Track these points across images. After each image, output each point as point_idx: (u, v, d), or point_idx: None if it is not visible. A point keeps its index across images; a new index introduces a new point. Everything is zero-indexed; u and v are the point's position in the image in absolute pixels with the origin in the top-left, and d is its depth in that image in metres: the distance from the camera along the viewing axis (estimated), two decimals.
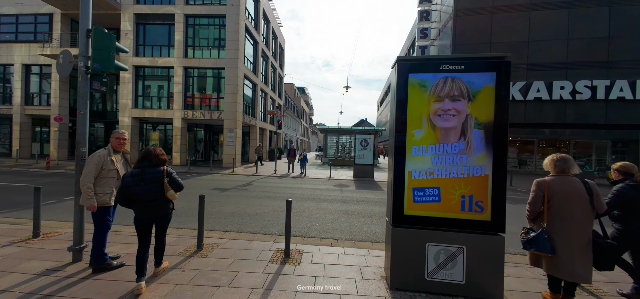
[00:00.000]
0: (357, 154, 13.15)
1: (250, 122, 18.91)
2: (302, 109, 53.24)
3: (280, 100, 29.31)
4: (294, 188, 9.43)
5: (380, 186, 10.52)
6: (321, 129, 22.21)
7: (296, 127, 44.35)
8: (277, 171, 14.33)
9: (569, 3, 16.17)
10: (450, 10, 18.61)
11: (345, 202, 7.24)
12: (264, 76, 22.86)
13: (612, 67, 15.60)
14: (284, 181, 11.40)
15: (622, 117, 15.48)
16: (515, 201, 8.20)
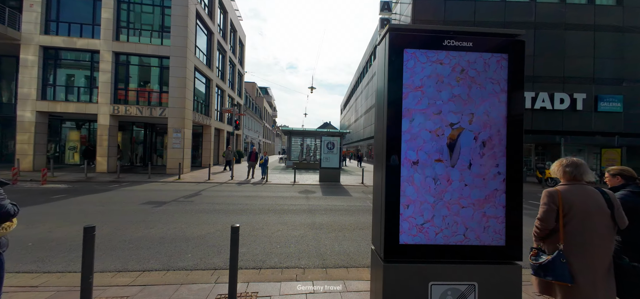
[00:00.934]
0: (323, 157, 12.45)
1: (204, 121, 16.66)
2: (265, 110, 50.88)
3: (240, 99, 27.10)
4: (253, 197, 8.16)
5: (348, 191, 9.96)
6: (285, 131, 21.04)
7: (258, 128, 41.98)
8: (234, 177, 12.69)
9: (502, 23, 18.47)
10: (409, 20, 19.59)
11: (312, 212, 6.36)
12: (221, 71, 20.65)
13: (537, 81, 18.33)
14: (242, 188, 9.96)
15: (543, 124, 18.27)
16: None
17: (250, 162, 12.91)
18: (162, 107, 13.60)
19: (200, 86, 16.77)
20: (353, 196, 8.84)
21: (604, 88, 18.17)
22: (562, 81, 18.35)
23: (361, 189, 10.74)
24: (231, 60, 23.08)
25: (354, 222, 5.51)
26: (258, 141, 41.48)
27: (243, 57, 27.82)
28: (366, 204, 7.58)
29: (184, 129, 13.52)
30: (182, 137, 13.45)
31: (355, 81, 46.27)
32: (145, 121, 15.93)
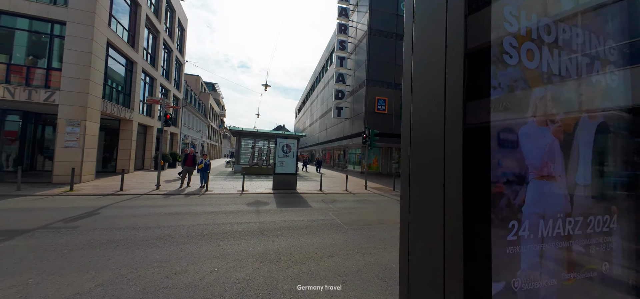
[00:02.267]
0: (277, 162, 10.98)
1: (121, 114, 12.96)
2: (211, 108, 45.47)
3: (179, 92, 22.99)
4: (183, 215, 6.13)
5: (307, 201, 8.78)
6: (234, 131, 18.55)
7: (202, 128, 36.98)
8: (160, 186, 9.96)
9: None
10: (365, 28, 20.06)
11: (264, 234, 4.92)
12: (152, 55, 16.86)
13: None
14: (169, 202, 7.63)
15: None
16: None
17: (186, 167, 10.39)
18: (51, 90, 9.76)
19: (117, 69, 13.05)
20: (313, 207, 7.70)
21: None
22: None
23: (321, 197, 9.72)
24: (167, 44, 19.24)
25: (320, 247, 4.35)
26: (201, 142, 36.49)
27: (183, 44, 23.81)
28: (329, 216, 6.55)
29: (86, 121, 10.00)
30: (81, 132, 9.90)
31: (310, 85, 45.97)
32: (23, 107, 11.33)
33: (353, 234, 5.09)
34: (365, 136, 12.89)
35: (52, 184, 9.35)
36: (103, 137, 13.94)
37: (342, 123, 24.65)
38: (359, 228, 5.61)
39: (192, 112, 29.62)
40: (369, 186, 13.37)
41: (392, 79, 19.51)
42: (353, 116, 21.74)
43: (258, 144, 20.24)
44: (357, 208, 7.88)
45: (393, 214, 7.25)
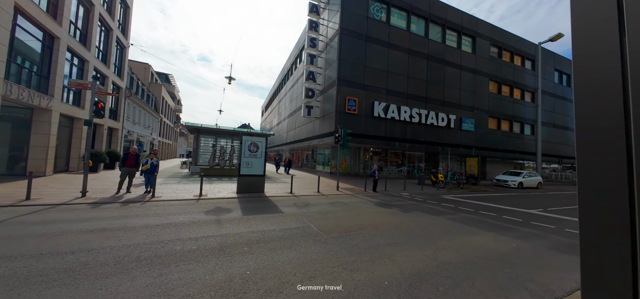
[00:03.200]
0: (243, 162, 9.81)
1: (36, 101, 10.15)
2: (164, 102, 40.35)
3: (120, 80, 19.53)
4: (113, 233, 4.73)
5: (277, 205, 7.90)
6: (191, 128, 16.42)
7: (152, 123, 32.47)
8: (88, 193, 7.94)
9: (407, 50, 21.78)
10: (337, 27, 19.84)
11: (227, 252, 3.98)
12: (83, 33, 13.81)
13: (429, 101, 22.54)
14: (98, 213, 5.97)
15: (431, 137, 22.63)
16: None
17: (126, 169, 8.49)
18: None
19: (29, 44, 10.19)
20: (285, 213, 6.89)
21: (464, 112, 24.52)
22: (442, 104, 23.39)
23: (292, 200, 8.93)
24: (104, 21, 16.07)
25: (299, 265, 3.61)
26: (151, 139, 32.03)
27: (127, 24, 20.35)
28: (304, 223, 5.83)
29: None
30: None
31: (278, 82, 44.38)
32: None
33: (334, 245, 4.48)
34: (338, 135, 12.51)
35: None
36: (9, 130, 10.80)
37: (311, 123, 24.09)
38: (339, 235, 5.04)
39: (139, 104, 25.70)
40: (340, 187, 13.03)
41: (362, 80, 19.68)
42: (323, 115, 21.36)
43: (220, 142, 18.36)
44: (333, 212, 7.34)
45: (370, 217, 6.89)
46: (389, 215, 7.25)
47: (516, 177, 19.40)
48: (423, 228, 5.92)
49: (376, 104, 19.85)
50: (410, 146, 21.60)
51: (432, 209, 8.64)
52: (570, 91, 33.01)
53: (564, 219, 7.91)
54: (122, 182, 8.35)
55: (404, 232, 5.53)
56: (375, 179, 12.43)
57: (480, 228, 6.31)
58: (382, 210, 7.94)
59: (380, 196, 11.09)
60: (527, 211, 9.18)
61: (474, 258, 4.18)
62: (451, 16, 23.90)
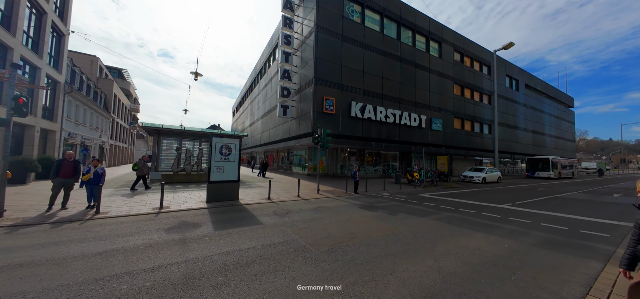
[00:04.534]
0: (213, 167, 8.68)
1: None
2: (117, 100, 35.59)
3: (58, 72, 16.45)
4: (35, 268, 3.51)
5: (254, 215, 7.03)
6: (150, 129, 14.41)
7: (101, 124, 28.34)
8: (6, 210, 6.17)
9: (382, 51, 22.21)
10: (312, 24, 19.32)
11: (194, 286, 3.13)
12: (6, 15, 11.15)
13: (402, 102, 23.26)
14: (15, 240, 4.51)
15: (405, 137, 23.40)
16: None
17: (59, 180, 6.80)
18: None
19: None
20: (265, 224, 6.09)
21: (434, 113, 25.89)
22: (414, 105, 24.35)
23: (271, 208, 8.10)
24: (34, 1, 13.25)
25: (291, 298, 2.93)
26: (100, 143, 27.93)
27: (66, 7, 17.26)
28: (289, 236, 5.13)
29: None
30: None
31: (251, 81, 42.36)
32: None
33: (327, 262, 3.88)
34: (317, 135, 11.96)
35: None
36: None
37: (287, 123, 23.19)
38: (331, 249, 4.46)
39: (83, 102, 22.14)
40: (321, 190, 12.49)
41: (339, 80, 19.44)
42: (300, 115, 20.64)
43: (186, 145, 16.52)
44: (318, 219, 6.74)
45: (359, 223, 6.44)
46: (377, 219, 6.89)
47: (480, 173, 20.94)
48: (415, 233, 5.65)
49: (353, 104, 19.79)
50: (386, 146, 22.01)
51: (416, 209, 8.56)
52: (519, 94, 37.22)
53: (534, 213, 8.41)
54: (55, 196, 6.66)
55: (398, 239, 5.17)
56: (356, 181, 12.16)
57: (468, 228, 6.27)
58: (368, 214, 7.58)
59: (362, 198, 10.81)
60: (499, 206, 9.65)
61: (476, 265, 3.94)
62: (420, 21, 25.05)
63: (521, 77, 38.07)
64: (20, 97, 6.30)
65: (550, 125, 43.50)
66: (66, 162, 6.91)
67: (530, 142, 38.63)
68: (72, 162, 6.98)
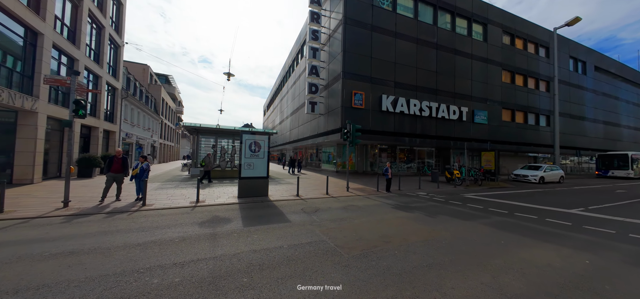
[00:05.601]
0: (244, 163, 8.85)
1: (18, 103, 9.31)
2: (165, 103, 39.68)
3: (115, 80, 18.73)
4: (80, 257, 3.80)
5: (282, 212, 6.92)
6: (190, 128, 15.54)
7: (152, 125, 31.79)
8: (71, 201, 7.05)
9: (415, 39, 20.56)
10: (340, 16, 18.71)
11: (219, 286, 3.02)
12: (71, 29, 12.96)
13: (439, 94, 21.32)
14: (72, 229, 5.05)
15: (443, 131, 21.43)
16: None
17: (111, 175, 7.58)
18: None
19: (9, 40, 9.33)
20: (293, 222, 5.90)
21: (477, 104, 23.24)
22: (453, 96, 22.14)
23: (299, 205, 7.94)
24: (94, 17, 15.21)
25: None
26: (152, 141, 31.36)
27: (121, 21, 19.50)
28: (317, 236, 4.84)
29: None
30: None
31: (280, 80, 43.39)
32: None
33: (359, 270, 3.47)
34: (346, 131, 11.47)
35: None
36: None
37: (316, 120, 23.06)
38: (363, 254, 4.03)
39: (137, 106, 24.95)
40: (350, 187, 12.02)
41: (368, 73, 18.54)
42: (328, 111, 20.31)
43: (221, 143, 17.48)
44: (348, 219, 6.33)
45: (394, 225, 5.86)
46: (414, 222, 6.21)
47: (536, 172, 18.16)
48: (462, 240, 4.88)
49: (384, 97, 18.73)
50: (420, 141, 20.44)
51: (460, 211, 7.57)
52: (586, 79, 31.42)
53: (618, 221, 6.78)
54: (107, 189, 7.43)
55: (441, 246, 4.50)
56: (389, 178, 11.38)
57: (530, 237, 5.24)
58: (403, 215, 6.91)
59: (395, 197, 10.05)
60: (567, 211, 8.06)
61: (549, 287, 3.14)
62: (460, 2, 22.56)
63: (589, 58, 32.02)
64: (80, 102, 7.10)
65: (627, 114, 35.88)
66: (116, 158, 7.60)
67: (601, 135, 32.43)
68: (121, 159, 7.67)
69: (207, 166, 12.88)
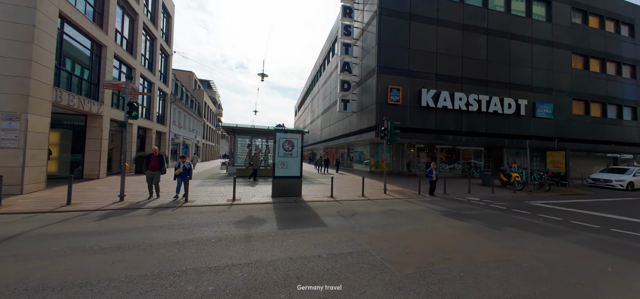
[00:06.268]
0: (277, 162, 8.68)
1: (87, 107, 10.64)
2: (207, 107, 43.05)
3: (165, 86, 20.63)
4: (126, 253, 3.84)
5: (317, 214, 6.49)
6: (228, 128, 16.26)
7: (196, 127, 34.61)
8: (126, 195, 7.63)
9: (461, 25, 18.39)
10: (374, 8, 17.69)
11: (252, 287, 2.64)
12: (129, 41, 14.51)
13: (490, 85, 18.78)
14: (123, 222, 5.33)
15: (495, 127, 18.81)
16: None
17: (149, 172, 7.70)
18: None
19: (79, 52, 10.71)
20: (329, 226, 5.41)
21: (539, 96, 19.91)
22: (508, 87, 19.30)
23: (334, 207, 7.43)
24: (148, 30, 16.88)
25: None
26: (196, 141, 34.15)
27: (170, 32, 21.42)
28: (359, 245, 4.26)
29: (28, 114, 7.68)
30: (21, 128, 7.57)
31: (310, 80, 43.59)
32: None
33: (418, 295, 2.79)
34: (384, 129, 10.59)
35: None
36: (71, 136, 11.65)
37: (348, 118, 22.34)
38: (418, 273, 3.32)
39: (184, 109, 27.26)
40: (387, 189, 11.09)
41: (406, 66, 17.16)
42: (361, 109, 19.42)
43: (255, 142, 17.97)
44: (391, 226, 5.60)
45: (449, 237, 4.96)
46: (475, 234, 5.20)
47: (623, 176, 14.71)
48: (548, 263, 3.80)
49: (424, 92, 17.14)
50: (466, 140, 18.25)
51: (532, 223, 6.21)
52: None
53: None
54: (150, 186, 7.82)
55: (522, 270, 3.52)
56: (433, 180, 10.16)
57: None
58: (458, 225, 5.89)
59: (442, 202, 8.87)
60: None
61: None
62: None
63: None
64: (134, 100, 7.65)
65: None
66: (152, 156, 7.73)
67: None
68: (157, 156, 7.77)
69: (255, 164, 13.64)
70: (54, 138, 11.56)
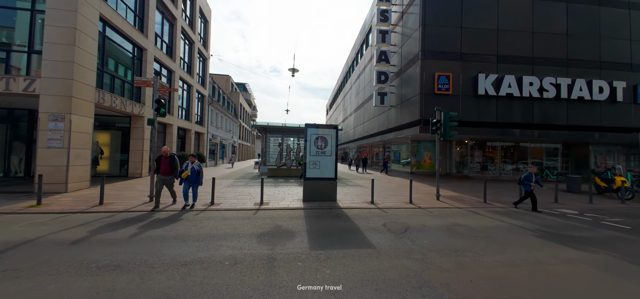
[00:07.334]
0: (309, 162, 7.57)
1: (129, 109, 11.05)
2: (242, 108, 44.89)
3: (203, 88, 21.43)
4: (126, 274, 3.06)
5: (358, 226, 5.14)
6: (260, 127, 15.91)
7: (232, 127, 36.08)
8: (154, 197, 7.33)
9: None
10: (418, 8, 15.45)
11: None
12: (168, 45, 15.08)
13: (571, 65, 14.95)
14: (141, 231, 4.75)
15: (579, 118, 14.89)
16: None
17: (159, 177, 6.39)
18: (31, 77, 7.93)
19: (121, 55, 11.17)
20: (376, 247, 4.03)
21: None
22: (598, 66, 15.13)
23: (379, 217, 5.97)
24: (186, 34, 17.49)
25: None
26: (232, 142, 35.59)
27: (207, 36, 22.21)
28: (437, 291, 2.80)
29: (71, 114, 7.95)
30: (65, 129, 7.85)
31: (342, 77, 42.05)
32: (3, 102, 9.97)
33: None
34: (436, 120, 8.68)
35: (33, 193, 7.43)
36: (120, 137, 12.38)
37: (385, 113, 20.33)
38: None
39: (221, 111, 28.36)
40: (441, 195, 9.13)
41: (457, 48, 14.57)
42: (401, 102, 17.31)
43: (287, 141, 17.33)
44: (467, 252, 3.95)
45: (566, 279, 3.14)
46: (610, 275, 3.26)
47: None
48: None
49: (481, 77, 14.34)
50: (539, 134, 14.79)
51: None
52: None
53: None
54: (158, 193, 6.38)
55: None
56: (530, 190, 7.11)
57: None
58: (574, 256, 3.94)
59: (525, 215, 6.68)
60: None
61: None
62: None
63: None
64: (163, 97, 7.31)
65: None
66: (163, 158, 6.41)
67: None
68: (168, 158, 6.44)
69: (287, 164, 12.97)
70: (106, 139, 12.40)
